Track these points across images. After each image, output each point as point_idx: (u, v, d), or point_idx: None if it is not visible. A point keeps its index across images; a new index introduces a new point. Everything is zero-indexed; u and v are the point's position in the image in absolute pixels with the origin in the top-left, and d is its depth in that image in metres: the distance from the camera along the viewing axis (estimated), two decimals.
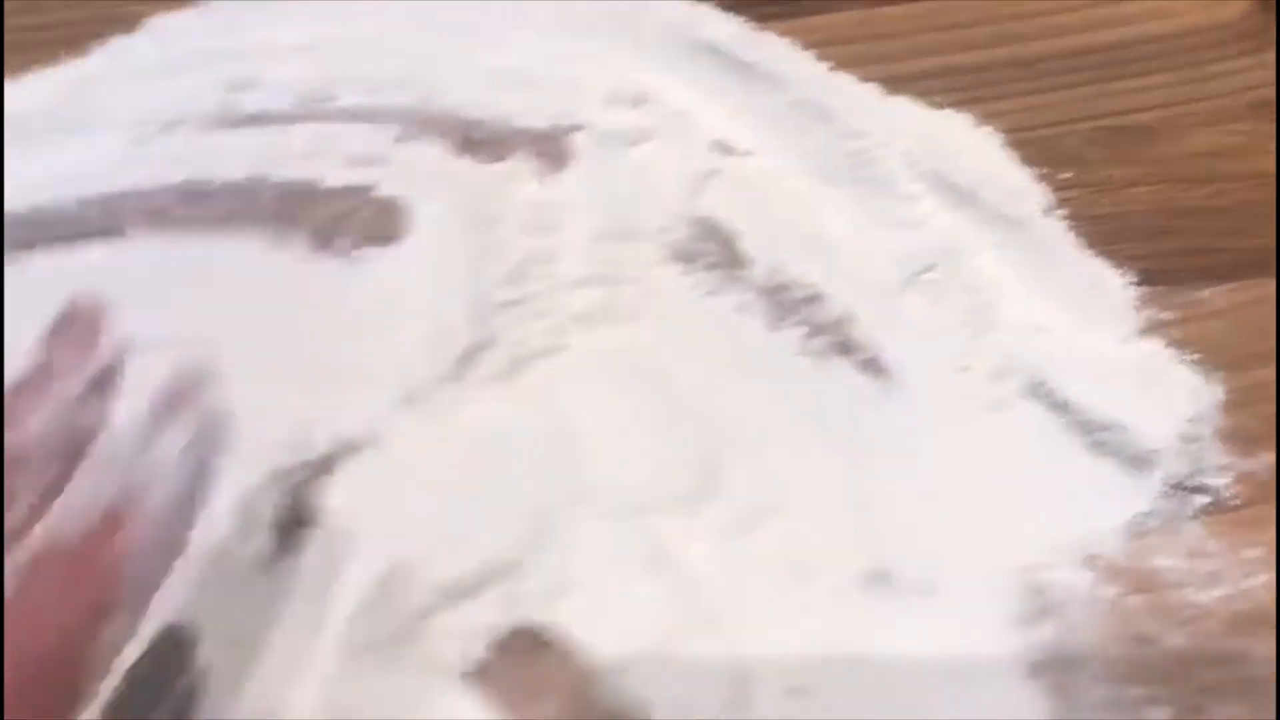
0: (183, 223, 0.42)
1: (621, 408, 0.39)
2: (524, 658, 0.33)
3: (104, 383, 0.29)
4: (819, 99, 0.45)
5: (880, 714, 0.33)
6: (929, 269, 0.42)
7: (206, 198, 0.43)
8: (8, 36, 0.48)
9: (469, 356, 0.39)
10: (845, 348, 0.41)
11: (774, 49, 0.48)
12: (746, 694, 0.33)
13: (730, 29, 0.47)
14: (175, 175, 0.44)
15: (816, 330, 0.41)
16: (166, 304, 0.39)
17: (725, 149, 0.46)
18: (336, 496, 0.36)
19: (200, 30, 0.48)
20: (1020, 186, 0.45)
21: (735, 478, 0.37)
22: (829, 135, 0.45)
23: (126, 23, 0.48)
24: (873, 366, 0.40)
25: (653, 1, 0.49)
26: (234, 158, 0.44)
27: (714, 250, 0.43)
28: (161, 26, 0.48)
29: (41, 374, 0.29)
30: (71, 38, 0.48)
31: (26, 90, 0.46)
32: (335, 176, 0.44)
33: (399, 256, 0.42)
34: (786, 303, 0.42)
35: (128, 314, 0.38)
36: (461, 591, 0.34)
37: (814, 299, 0.42)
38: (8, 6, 0.49)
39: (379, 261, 0.42)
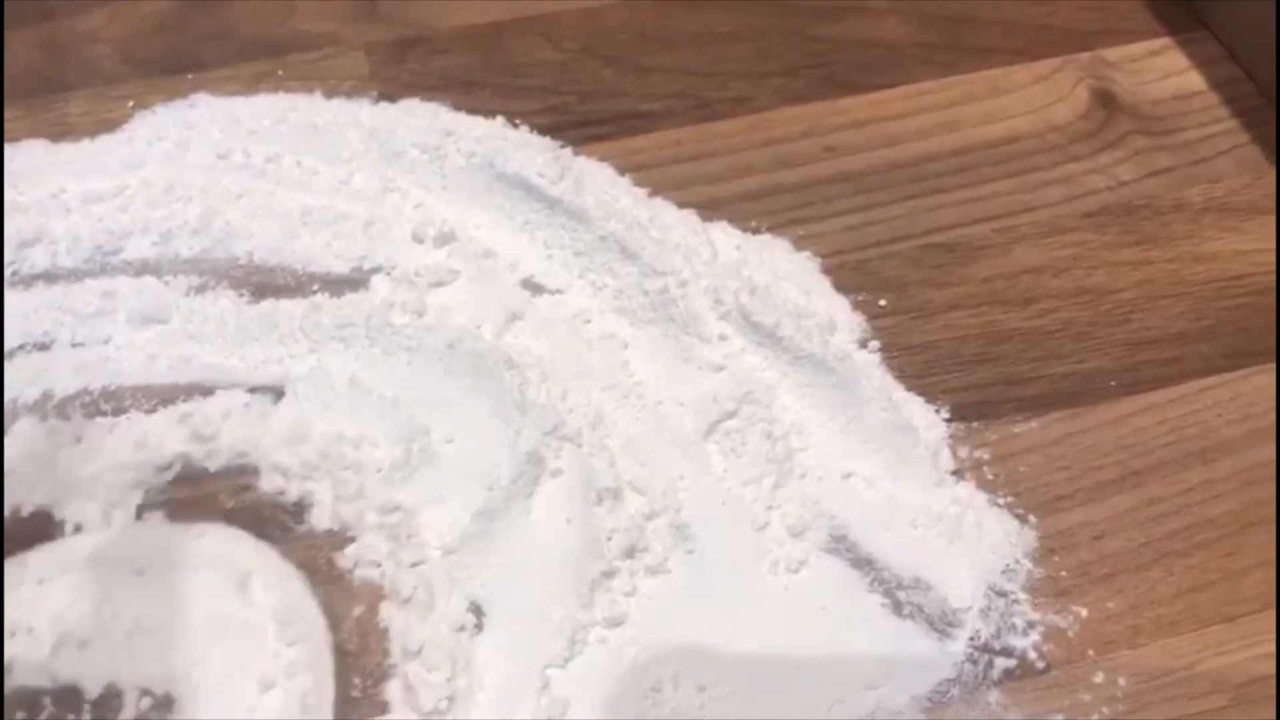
0: None
1: None
2: None
3: None
4: (624, 234, 0.43)
5: None
6: (730, 416, 0.40)
7: None
8: None
9: None
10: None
11: (586, 179, 0.46)
12: None
13: (537, 160, 0.45)
14: None
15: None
16: None
17: (534, 288, 0.44)
18: None
19: None
20: (834, 319, 0.43)
21: None
22: (635, 272, 0.43)
23: None
24: (672, 527, 0.39)
25: (462, 127, 0.47)
26: (21, 319, 0.43)
27: None
28: None
29: None
30: None
31: None
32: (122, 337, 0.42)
33: None
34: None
35: None
36: None
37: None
38: None
39: None
